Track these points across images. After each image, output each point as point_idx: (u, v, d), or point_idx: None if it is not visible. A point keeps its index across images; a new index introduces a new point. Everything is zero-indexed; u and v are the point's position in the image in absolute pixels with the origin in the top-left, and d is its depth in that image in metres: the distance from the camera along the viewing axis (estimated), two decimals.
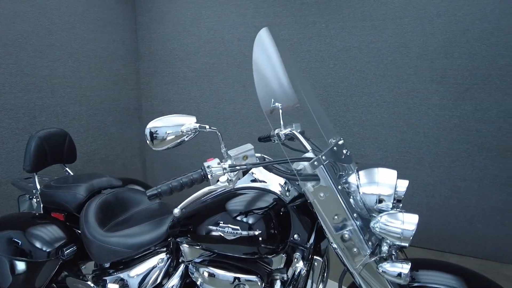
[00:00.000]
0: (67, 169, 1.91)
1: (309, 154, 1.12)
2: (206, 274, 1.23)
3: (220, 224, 1.16)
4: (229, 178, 1.03)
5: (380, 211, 1.08)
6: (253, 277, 1.17)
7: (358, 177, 1.11)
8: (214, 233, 1.18)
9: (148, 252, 1.43)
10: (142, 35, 3.20)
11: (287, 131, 1.51)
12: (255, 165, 1.03)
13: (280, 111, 1.53)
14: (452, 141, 2.40)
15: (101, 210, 1.51)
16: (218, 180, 1.04)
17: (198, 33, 2.98)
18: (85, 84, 2.73)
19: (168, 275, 1.41)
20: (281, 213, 1.18)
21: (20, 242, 1.43)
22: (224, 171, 1.01)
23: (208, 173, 1.00)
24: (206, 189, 1.10)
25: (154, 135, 1.01)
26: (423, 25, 2.36)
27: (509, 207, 2.30)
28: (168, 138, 1.03)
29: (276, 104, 1.53)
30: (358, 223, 1.02)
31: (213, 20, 2.91)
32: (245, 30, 2.82)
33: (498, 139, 2.29)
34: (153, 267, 1.40)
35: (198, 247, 1.33)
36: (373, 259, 1.01)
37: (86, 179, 1.65)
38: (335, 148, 1.08)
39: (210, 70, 3.00)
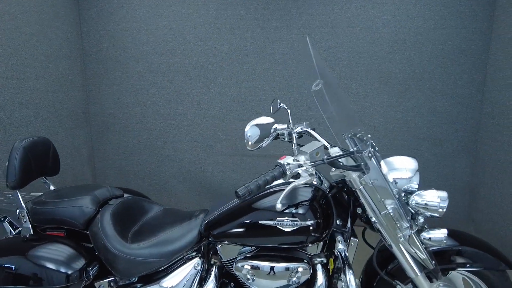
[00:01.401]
0: (47, 181, 1.69)
1: (335, 149, 1.27)
2: (257, 269, 1.28)
3: (278, 218, 1.23)
4: (309, 172, 1.12)
5: (406, 192, 1.30)
6: (302, 265, 1.28)
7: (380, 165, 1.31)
8: (268, 227, 1.24)
9: (179, 259, 1.40)
10: (87, 31, 2.92)
11: (299, 128, 1.62)
12: (330, 158, 1.14)
13: (289, 111, 1.65)
14: (396, 133, 2.84)
15: (116, 222, 1.41)
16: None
17: (155, 31, 2.87)
18: (30, 86, 2.39)
19: (201, 279, 1.41)
20: (323, 202, 1.31)
21: (28, 270, 1.24)
22: (305, 166, 1.09)
23: (287, 169, 1.07)
24: (294, 184, 1.14)
25: (252, 136, 1.04)
26: (371, 34, 2.73)
27: (439, 186, 2.84)
28: (264, 138, 1.10)
29: (282, 105, 1.65)
30: (398, 202, 1.22)
31: (172, 19, 2.84)
32: (208, 31, 2.83)
33: (430, 130, 2.81)
34: (187, 274, 1.38)
35: (237, 245, 1.37)
36: (413, 231, 1.22)
37: (86, 191, 1.50)
38: (372, 141, 1.27)
39: (170, 70, 2.92)
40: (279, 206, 1.11)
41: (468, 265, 1.32)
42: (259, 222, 1.25)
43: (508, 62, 2.44)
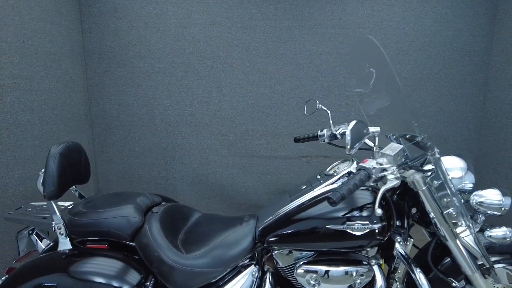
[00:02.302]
0: (79, 190, 1.58)
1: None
2: (320, 274, 1.26)
3: (347, 222, 1.21)
4: (394, 175, 1.11)
5: (461, 191, 1.33)
6: (364, 267, 1.27)
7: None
8: (337, 232, 1.22)
9: (234, 267, 1.35)
10: (89, 28, 2.76)
11: (342, 130, 1.62)
12: (414, 161, 1.13)
13: (329, 112, 1.65)
14: None
15: (165, 232, 1.34)
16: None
17: (163, 30, 2.76)
18: (35, 86, 2.22)
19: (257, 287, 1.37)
20: (383, 204, 1.31)
21: None
22: (391, 169, 1.08)
23: (372, 173, 1.05)
24: (385, 187, 1.12)
25: (352, 140, 1.02)
26: (381, 36, 2.78)
27: None
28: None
29: (321, 106, 1.64)
30: (459, 201, 1.24)
31: (181, 17, 2.75)
32: (218, 30, 2.77)
33: (436, 129, 2.90)
34: (245, 282, 1.33)
35: (294, 250, 1.34)
36: (476, 230, 1.24)
37: (127, 199, 1.42)
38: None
39: (179, 70, 2.82)
40: (379, 211, 1.08)
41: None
42: (327, 226, 1.23)
43: (510, 64, 2.57)
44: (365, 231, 1.21)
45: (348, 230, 1.22)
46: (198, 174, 2.99)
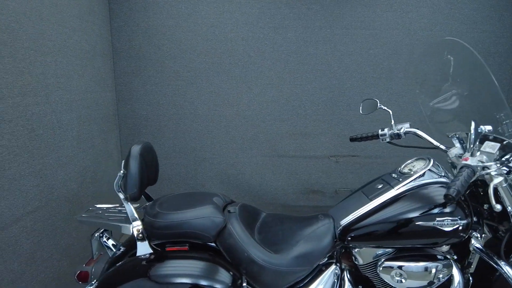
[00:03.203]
0: (147, 193, 1.55)
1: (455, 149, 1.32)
2: (406, 270, 1.27)
3: (437, 218, 1.23)
4: (496, 172, 1.13)
5: None
6: (446, 262, 1.29)
7: None
8: (425, 228, 1.24)
9: (315, 266, 1.35)
10: (118, 27, 2.72)
11: (404, 129, 1.64)
12: None
13: (390, 112, 1.67)
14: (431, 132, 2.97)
15: (248, 231, 1.33)
16: None
17: (194, 29, 2.74)
18: (74, 86, 2.17)
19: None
20: (463, 200, 1.33)
21: None
22: (494, 167, 1.10)
23: (477, 170, 1.07)
24: (494, 182, 1.13)
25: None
26: (410, 36, 2.83)
27: None
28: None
29: (381, 106, 1.67)
30: None
31: (212, 17, 2.73)
32: (250, 29, 2.76)
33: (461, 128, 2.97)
34: (328, 281, 1.34)
35: (374, 248, 1.35)
36: None
37: (203, 199, 1.40)
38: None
39: (210, 70, 2.80)
40: (498, 207, 1.10)
41: None
42: (417, 223, 1.25)
43: None
44: (454, 227, 1.24)
45: (438, 226, 1.23)
46: (228, 174, 2.97)
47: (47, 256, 1.86)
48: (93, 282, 1.37)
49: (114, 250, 1.42)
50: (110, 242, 1.44)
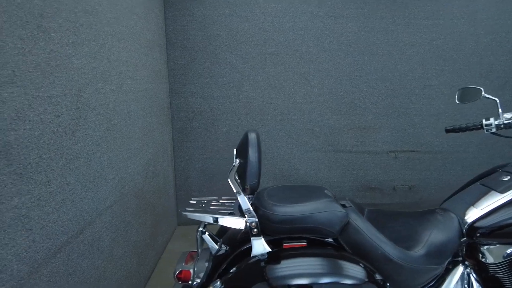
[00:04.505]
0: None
1: None
2: None
3: None
4: None
5: None
6: None
7: None
8: None
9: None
10: (172, 16, 2.62)
11: None
12: None
13: (497, 100, 1.55)
14: None
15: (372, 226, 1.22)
16: None
17: (251, 19, 2.63)
18: (139, 75, 2.08)
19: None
20: None
21: None
22: None
23: None
24: None
25: None
26: (475, 27, 2.70)
27: None
28: None
29: (487, 95, 1.54)
30: None
31: (271, 6, 2.62)
32: (309, 19, 2.65)
33: None
34: (459, 280, 1.22)
35: (507, 245, 1.23)
36: None
37: (315, 192, 1.28)
38: None
39: (266, 62, 2.70)
40: None
41: None
42: None
43: None
44: None
45: None
46: (281, 170, 2.86)
47: (122, 253, 1.76)
48: (195, 282, 1.27)
49: (217, 247, 1.32)
50: (211, 238, 1.33)
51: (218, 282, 1.10)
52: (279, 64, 2.70)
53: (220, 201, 1.39)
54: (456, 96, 1.72)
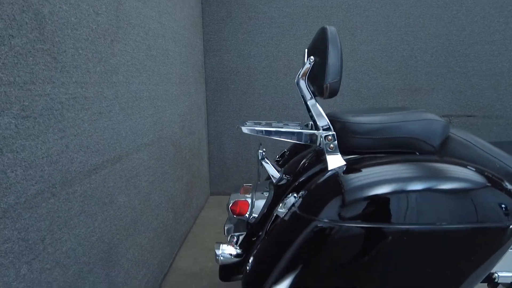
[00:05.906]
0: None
1: None
2: None
3: None
4: None
5: None
6: None
7: None
8: None
9: None
10: None
11: None
12: None
13: None
14: None
15: None
16: None
17: None
18: (176, 20, 1.90)
19: None
20: None
21: None
22: None
23: None
24: None
25: None
26: None
27: None
28: None
29: None
30: None
31: None
32: None
33: None
34: None
35: None
36: None
37: (400, 107, 1.05)
38: None
39: (308, 15, 2.47)
40: None
41: None
42: None
43: None
44: None
45: None
46: None
47: (158, 202, 1.57)
48: (252, 216, 1.07)
49: (278, 174, 1.10)
50: (272, 164, 1.11)
51: (292, 197, 0.88)
52: (323, 18, 2.48)
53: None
54: None
